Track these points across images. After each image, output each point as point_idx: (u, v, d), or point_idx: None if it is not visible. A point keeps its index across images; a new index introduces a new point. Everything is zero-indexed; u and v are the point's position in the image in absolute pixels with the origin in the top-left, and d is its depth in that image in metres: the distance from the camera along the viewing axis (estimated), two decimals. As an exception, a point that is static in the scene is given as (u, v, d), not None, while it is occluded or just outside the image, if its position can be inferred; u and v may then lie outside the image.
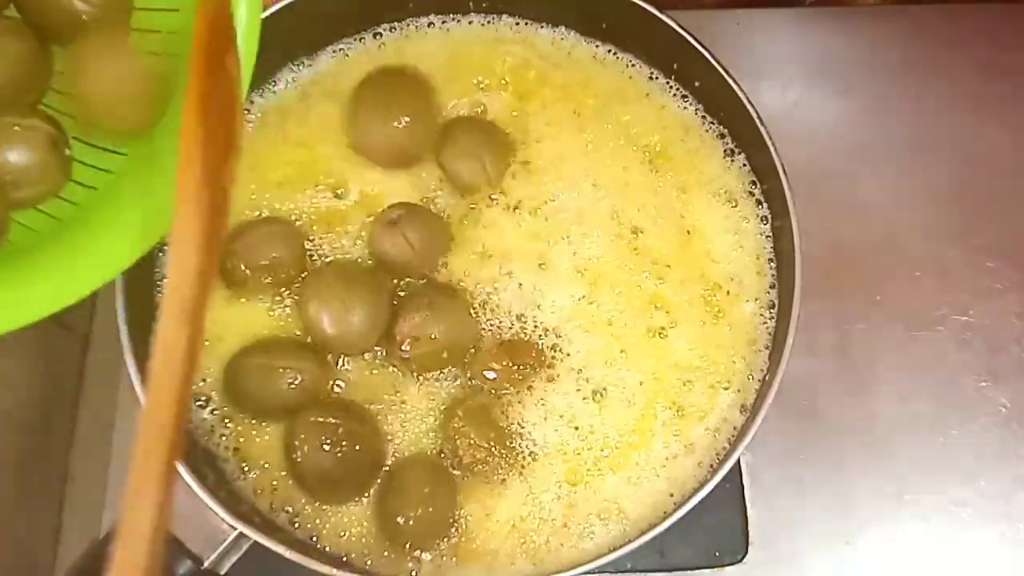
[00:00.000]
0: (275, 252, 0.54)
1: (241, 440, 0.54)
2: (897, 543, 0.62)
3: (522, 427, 0.54)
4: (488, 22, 0.62)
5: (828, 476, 0.63)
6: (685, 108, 0.60)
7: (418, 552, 0.52)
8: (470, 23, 0.62)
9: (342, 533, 0.53)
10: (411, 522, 0.51)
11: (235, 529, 0.49)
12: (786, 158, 0.55)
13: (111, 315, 0.51)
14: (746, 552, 0.59)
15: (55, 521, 0.75)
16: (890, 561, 0.62)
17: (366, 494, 0.53)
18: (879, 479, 0.63)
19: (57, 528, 0.75)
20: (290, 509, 0.53)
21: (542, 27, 0.63)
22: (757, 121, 0.56)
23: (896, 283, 0.68)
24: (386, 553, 0.52)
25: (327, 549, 0.53)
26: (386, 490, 0.53)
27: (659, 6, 0.58)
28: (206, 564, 0.50)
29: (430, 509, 0.51)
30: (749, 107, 0.56)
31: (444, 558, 0.52)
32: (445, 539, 0.53)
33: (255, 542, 0.49)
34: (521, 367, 0.54)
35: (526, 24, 0.63)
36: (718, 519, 0.59)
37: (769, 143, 0.55)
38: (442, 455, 0.53)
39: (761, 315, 0.56)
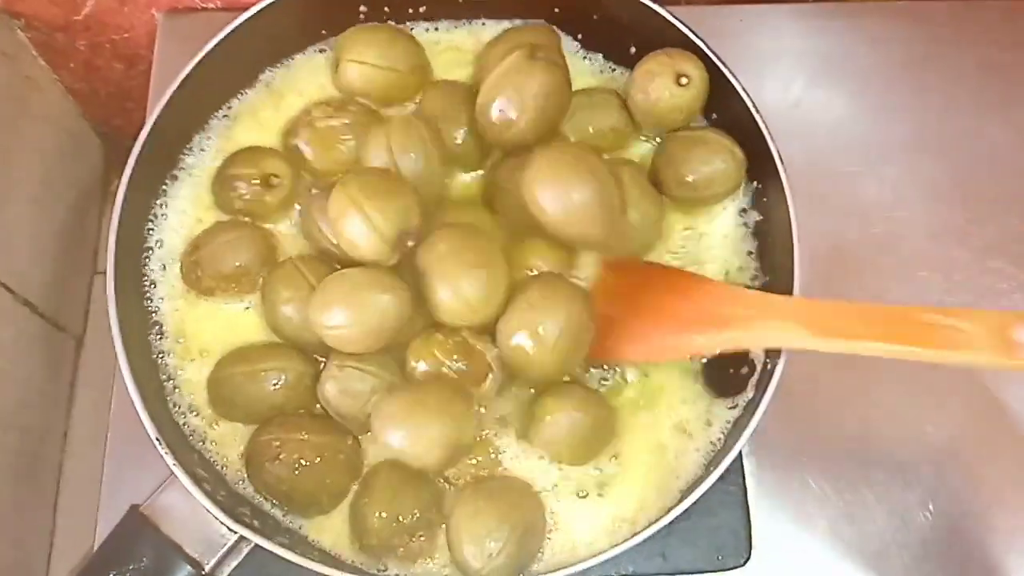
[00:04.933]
0: (239, 260, 0.54)
1: (239, 444, 0.53)
2: (902, 548, 0.62)
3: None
4: (473, 23, 0.63)
5: (832, 480, 0.62)
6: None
7: (386, 554, 0.51)
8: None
9: (339, 534, 0.52)
10: (378, 523, 0.50)
11: (235, 533, 0.49)
12: (787, 156, 0.55)
13: (105, 317, 0.51)
14: (749, 555, 0.59)
15: (49, 522, 0.75)
16: (894, 566, 0.62)
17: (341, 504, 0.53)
18: (884, 483, 0.63)
19: (51, 529, 0.75)
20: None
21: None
22: (760, 123, 0.55)
23: (897, 283, 0.67)
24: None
25: (328, 551, 0.52)
26: (360, 490, 0.52)
27: (660, 3, 0.58)
28: (206, 569, 0.49)
29: (403, 511, 0.50)
30: (750, 105, 0.56)
31: (428, 559, 0.52)
32: (420, 539, 0.51)
33: (256, 545, 0.49)
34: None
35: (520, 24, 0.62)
36: (721, 522, 0.58)
37: (770, 142, 0.55)
38: None
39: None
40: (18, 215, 0.71)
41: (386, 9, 0.61)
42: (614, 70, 0.63)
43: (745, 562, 0.58)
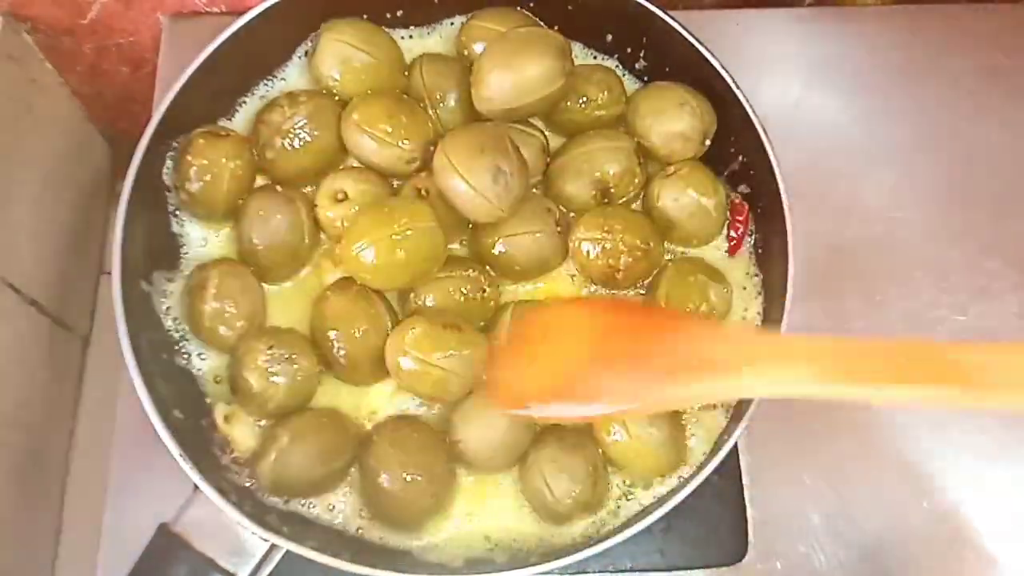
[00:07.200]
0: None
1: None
2: (897, 544, 0.62)
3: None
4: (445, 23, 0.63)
5: (828, 477, 0.63)
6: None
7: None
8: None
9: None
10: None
11: (266, 541, 0.49)
12: (786, 158, 0.55)
13: (111, 315, 0.51)
14: (745, 552, 0.59)
15: (55, 521, 0.75)
16: (889, 562, 0.62)
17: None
18: (879, 480, 0.63)
19: (57, 528, 0.75)
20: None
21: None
22: (757, 124, 0.56)
23: (896, 283, 0.68)
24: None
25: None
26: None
27: (660, 7, 0.58)
28: None
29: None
30: (748, 108, 0.56)
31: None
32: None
33: (288, 550, 0.49)
34: None
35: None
36: (718, 519, 0.59)
37: (767, 144, 0.56)
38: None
39: (758, 313, 0.57)
40: (25, 216, 0.71)
41: (364, 16, 0.61)
42: (595, 57, 0.63)
43: (741, 559, 0.59)
